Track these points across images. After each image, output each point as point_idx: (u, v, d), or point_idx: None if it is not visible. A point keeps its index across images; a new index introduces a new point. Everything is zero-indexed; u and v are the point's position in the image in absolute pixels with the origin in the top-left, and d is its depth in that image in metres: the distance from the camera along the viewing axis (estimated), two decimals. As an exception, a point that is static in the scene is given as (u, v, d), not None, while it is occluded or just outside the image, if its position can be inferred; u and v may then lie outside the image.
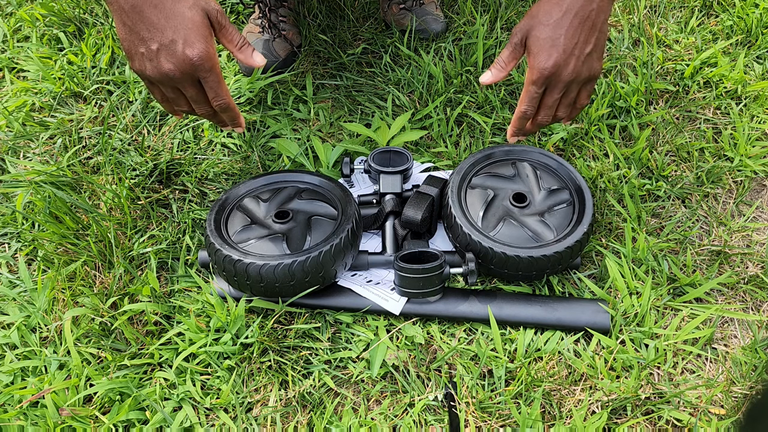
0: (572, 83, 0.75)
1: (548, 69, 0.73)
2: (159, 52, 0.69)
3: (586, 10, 0.71)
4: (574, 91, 0.77)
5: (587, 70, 0.75)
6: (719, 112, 1.14)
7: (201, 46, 0.68)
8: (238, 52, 0.74)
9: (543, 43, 0.72)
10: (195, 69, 0.70)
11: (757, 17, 1.27)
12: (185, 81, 0.72)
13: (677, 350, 0.82)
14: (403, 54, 1.23)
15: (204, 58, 0.69)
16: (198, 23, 0.68)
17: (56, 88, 1.16)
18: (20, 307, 0.85)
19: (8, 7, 1.37)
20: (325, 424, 0.75)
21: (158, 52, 0.69)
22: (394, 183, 0.95)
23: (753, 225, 0.96)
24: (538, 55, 0.73)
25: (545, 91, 0.77)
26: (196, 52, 0.68)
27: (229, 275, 0.80)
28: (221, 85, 0.74)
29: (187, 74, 0.71)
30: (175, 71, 0.70)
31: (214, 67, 0.71)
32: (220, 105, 0.75)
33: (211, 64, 0.70)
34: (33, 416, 0.74)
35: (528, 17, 0.74)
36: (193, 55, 0.68)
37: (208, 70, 0.71)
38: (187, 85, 0.73)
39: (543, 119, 0.80)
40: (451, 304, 0.83)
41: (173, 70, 0.70)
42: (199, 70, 0.70)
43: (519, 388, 0.77)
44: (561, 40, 0.72)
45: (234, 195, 0.91)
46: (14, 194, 1.00)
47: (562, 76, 0.74)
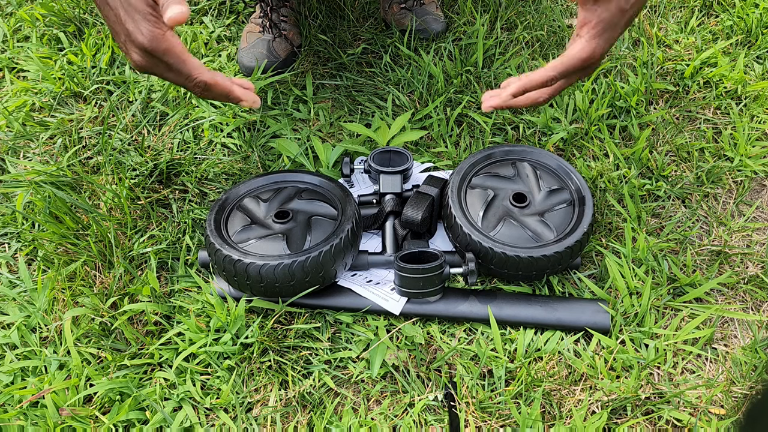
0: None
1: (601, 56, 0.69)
2: (126, 43, 0.66)
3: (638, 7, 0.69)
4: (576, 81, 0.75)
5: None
6: (719, 112, 1.14)
7: (146, 29, 0.64)
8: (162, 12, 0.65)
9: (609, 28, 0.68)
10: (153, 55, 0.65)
11: (757, 17, 1.27)
12: (156, 68, 0.67)
13: (677, 350, 0.82)
14: (403, 54, 1.23)
15: (152, 41, 0.64)
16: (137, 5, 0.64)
17: (56, 88, 1.16)
18: (20, 307, 0.85)
19: (8, 7, 1.37)
20: (325, 424, 0.75)
21: (126, 44, 0.66)
22: (394, 183, 0.95)
23: (753, 225, 0.96)
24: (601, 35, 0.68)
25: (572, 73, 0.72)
26: (144, 38, 0.64)
27: (229, 275, 0.80)
28: (184, 64, 0.67)
29: (152, 62, 0.66)
30: (141, 61, 0.66)
31: (169, 48, 0.65)
32: (196, 84, 0.69)
33: (163, 46, 0.65)
34: (33, 416, 0.74)
35: None
36: (142, 39, 0.64)
37: (163, 52, 0.65)
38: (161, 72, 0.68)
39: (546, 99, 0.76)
40: (451, 304, 0.83)
41: (139, 60, 0.66)
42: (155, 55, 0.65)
43: (519, 388, 0.77)
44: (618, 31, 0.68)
45: (234, 195, 0.91)
46: (14, 194, 1.00)
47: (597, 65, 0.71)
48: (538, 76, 0.72)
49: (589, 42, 0.69)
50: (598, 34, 0.68)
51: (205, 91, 0.71)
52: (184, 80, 0.69)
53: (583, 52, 0.69)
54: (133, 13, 0.65)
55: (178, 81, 0.70)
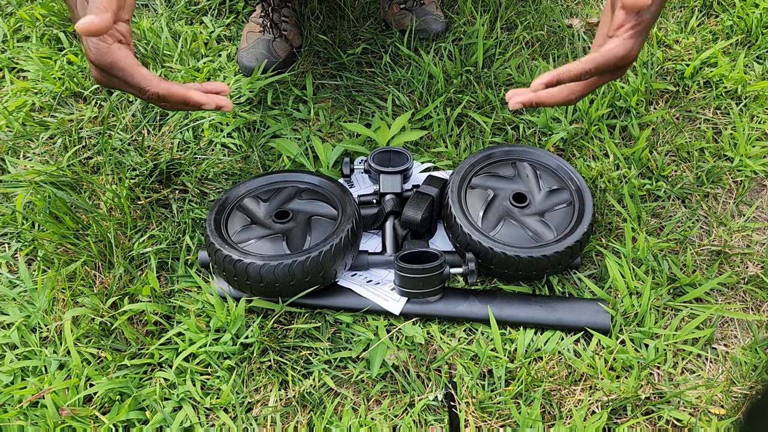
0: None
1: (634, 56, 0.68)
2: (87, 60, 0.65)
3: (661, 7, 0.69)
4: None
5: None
6: (719, 112, 1.14)
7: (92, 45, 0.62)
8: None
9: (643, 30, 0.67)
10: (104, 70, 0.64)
11: (757, 17, 1.27)
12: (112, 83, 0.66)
13: (677, 350, 0.82)
14: (403, 54, 1.23)
15: (98, 55, 0.63)
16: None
17: (56, 88, 1.16)
18: (20, 307, 0.85)
19: (8, 7, 1.37)
20: (325, 424, 0.75)
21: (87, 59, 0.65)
22: (394, 183, 0.95)
23: (753, 225, 0.96)
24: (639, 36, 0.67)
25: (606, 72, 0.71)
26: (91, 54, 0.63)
27: (229, 275, 0.80)
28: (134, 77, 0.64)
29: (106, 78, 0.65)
30: (96, 76, 0.65)
31: (114, 62, 0.63)
32: (149, 97, 0.66)
33: (108, 60, 0.63)
34: (33, 416, 0.74)
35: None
36: (90, 56, 0.63)
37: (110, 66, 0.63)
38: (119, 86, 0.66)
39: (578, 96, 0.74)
40: (451, 304, 0.83)
41: (95, 75, 0.65)
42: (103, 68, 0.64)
43: (519, 388, 0.77)
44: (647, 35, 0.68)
45: (234, 195, 0.91)
46: (14, 194, 1.00)
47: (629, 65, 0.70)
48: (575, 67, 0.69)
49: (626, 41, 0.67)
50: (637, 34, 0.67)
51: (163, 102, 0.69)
52: (137, 92, 0.67)
53: (619, 49, 0.68)
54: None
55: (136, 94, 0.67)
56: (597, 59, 0.68)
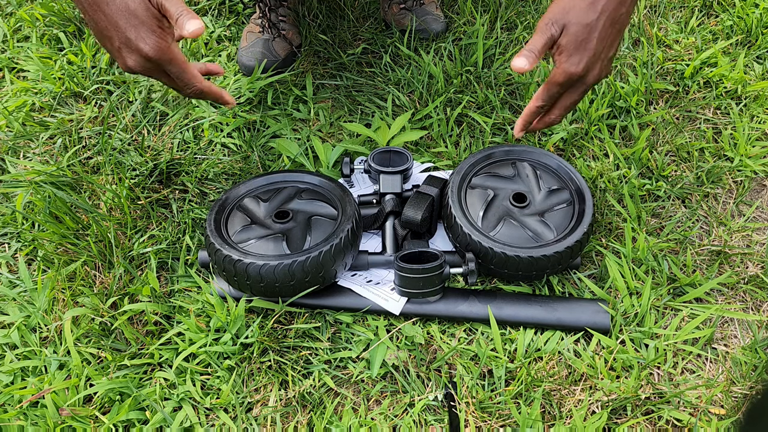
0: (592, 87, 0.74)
1: (578, 73, 0.71)
2: (121, 49, 0.69)
3: (617, 13, 0.70)
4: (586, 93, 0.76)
5: (605, 73, 0.74)
6: (719, 112, 1.14)
7: (151, 40, 0.68)
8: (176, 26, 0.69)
9: (578, 44, 0.70)
10: (155, 62, 0.70)
11: (757, 17, 1.27)
12: (152, 73, 0.72)
13: (677, 350, 0.82)
14: (403, 54, 1.23)
15: (157, 51, 0.68)
16: (142, 16, 0.67)
17: (56, 88, 1.16)
18: (20, 307, 0.85)
19: (8, 7, 1.37)
20: (325, 424, 0.75)
21: (120, 49, 0.69)
22: (394, 183, 0.95)
23: (753, 225, 0.96)
24: (570, 57, 0.71)
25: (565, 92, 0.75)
26: (149, 48, 0.68)
27: (229, 275, 0.80)
28: (185, 73, 0.73)
29: (150, 68, 0.71)
30: (137, 66, 0.70)
31: (173, 59, 0.70)
32: (192, 92, 0.75)
33: (168, 57, 0.70)
34: (33, 416, 0.74)
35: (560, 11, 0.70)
36: (148, 50, 0.68)
37: (167, 62, 0.70)
38: (157, 76, 0.73)
39: (556, 118, 0.79)
40: (451, 304, 0.83)
41: (136, 65, 0.70)
42: (158, 63, 0.70)
43: (519, 388, 0.77)
44: (593, 44, 0.70)
45: (234, 195, 0.91)
46: (14, 194, 1.00)
47: (588, 80, 0.72)
48: (529, 108, 0.78)
49: (563, 62, 0.72)
50: (567, 57, 0.71)
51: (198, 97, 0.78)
52: (182, 86, 0.74)
53: (559, 73, 0.72)
54: (137, 24, 0.67)
55: (172, 85, 0.75)
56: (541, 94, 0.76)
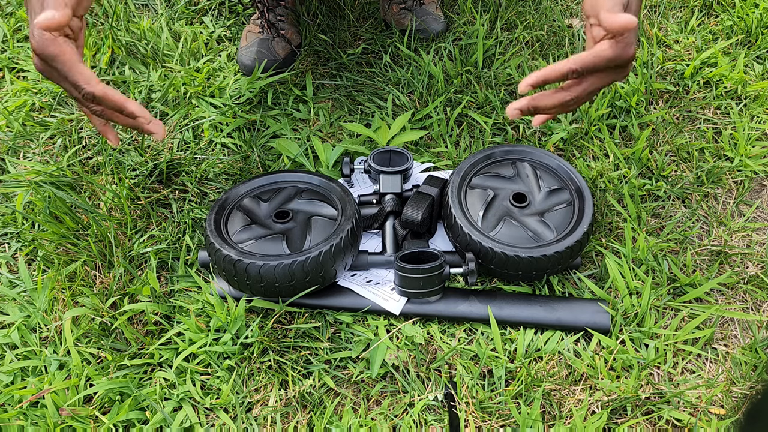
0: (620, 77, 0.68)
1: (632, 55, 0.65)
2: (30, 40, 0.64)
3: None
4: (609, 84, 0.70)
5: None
6: (719, 112, 1.14)
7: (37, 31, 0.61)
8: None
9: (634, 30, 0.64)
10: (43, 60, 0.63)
11: (757, 17, 1.27)
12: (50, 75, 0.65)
13: (677, 350, 0.82)
14: (403, 54, 1.23)
15: (41, 44, 0.62)
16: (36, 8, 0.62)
17: (56, 88, 1.16)
18: (20, 307, 0.85)
19: (8, 7, 1.37)
20: (325, 424, 0.75)
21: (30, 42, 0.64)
22: (394, 183, 0.95)
23: (753, 225, 0.96)
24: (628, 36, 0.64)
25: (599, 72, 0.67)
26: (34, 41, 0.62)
27: (229, 275, 0.80)
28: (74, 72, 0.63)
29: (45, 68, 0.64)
30: (37, 65, 0.64)
31: (57, 54, 0.62)
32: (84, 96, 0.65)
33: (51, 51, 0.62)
34: (33, 416, 0.74)
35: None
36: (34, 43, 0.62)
37: (51, 58, 0.62)
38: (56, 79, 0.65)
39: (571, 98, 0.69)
40: (451, 304, 0.83)
41: (36, 64, 0.64)
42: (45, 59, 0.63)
43: (519, 388, 0.77)
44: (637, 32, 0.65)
45: (234, 195, 0.91)
46: (14, 194, 1.00)
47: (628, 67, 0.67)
48: (559, 65, 0.66)
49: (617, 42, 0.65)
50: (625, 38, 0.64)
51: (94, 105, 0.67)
52: (72, 89, 0.65)
53: (610, 51, 0.65)
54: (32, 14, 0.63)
55: (70, 92, 0.66)
56: (585, 59, 0.65)
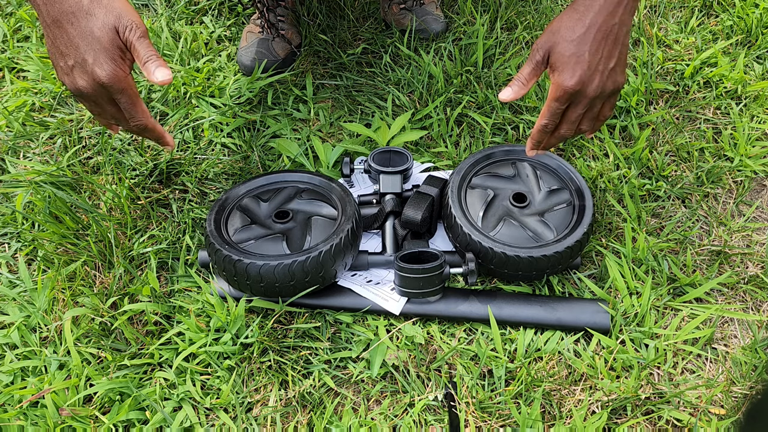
0: (596, 99, 0.74)
1: (573, 86, 0.71)
2: (74, 68, 0.69)
3: (608, 24, 0.70)
4: (597, 105, 0.76)
5: (612, 84, 0.74)
6: (719, 112, 1.14)
7: (109, 67, 0.68)
8: (143, 69, 0.71)
9: (567, 60, 0.71)
10: (106, 89, 0.70)
11: (757, 17, 1.27)
12: (100, 99, 0.72)
13: (677, 350, 0.82)
14: (403, 54, 1.23)
15: (112, 79, 0.69)
16: (106, 44, 0.68)
17: (56, 88, 1.16)
18: (20, 307, 0.85)
19: (8, 7, 1.37)
20: (325, 424, 0.75)
21: (73, 68, 0.69)
22: (394, 183, 0.95)
23: (753, 225, 0.96)
24: (562, 72, 0.72)
25: (568, 106, 0.75)
26: (104, 74, 0.68)
27: (229, 275, 0.80)
28: (135, 106, 0.73)
29: (99, 93, 0.70)
30: (87, 89, 0.70)
31: (125, 89, 0.70)
32: (137, 126, 0.75)
33: (121, 86, 0.70)
34: (33, 416, 0.74)
35: (549, 33, 0.72)
36: (102, 76, 0.68)
37: (118, 91, 0.70)
38: (104, 103, 0.73)
39: (566, 133, 0.79)
40: (451, 304, 0.83)
41: (86, 87, 0.70)
42: (109, 90, 0.70)
43: (519, 388, 0.77)
44: (585, 56, 0.70)
45: (234, 195, 0.91)
46: (14, 194, 1.00)
47: (587, 93, 0.73)
48: (536, 128, 0.79)
49: (555, 81, 0.73)
50: (560, 73, 0.72)
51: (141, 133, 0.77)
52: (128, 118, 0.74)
53: (552, 90, 0.74)
54: (97, 50, 0.68)
55: (118, 115, 0.75)
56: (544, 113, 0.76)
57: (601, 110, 0.77)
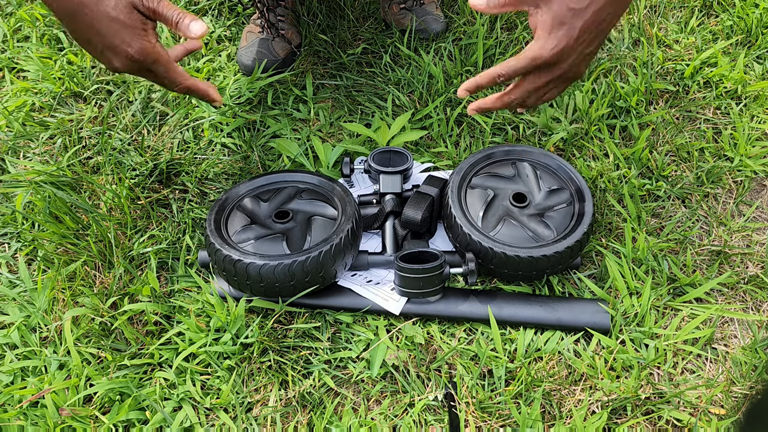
0: (558, 78, 0.73)
1: (552, 56, 0.69)
2: (104, 52, 0.71)
3: (603, 13, 0.68)
4: (552, 85, 0.74)
5: (576, 71, 0.73)
6: (719, 112, 1.14)
7: (137, 44, 0.70)
8: (176, 30, 0.72)
9: (557, 26, 0.68)
10: (140, 63, 0.72)
11: (757, 17, 1.27)
12: (139, 72, 0.74)
13: (677, 350, 0.82)
14: (403, 54, 1.23)
15: (142, 53, 0.70)
16: (127, 21, 0.69)
17: (56, 88, 1.16)
18: (20, 307, 0.85)
19: (8, 7, 1.37)
20: (325, 424, 0.75)
21: (103, 52, 0.71)
22: (394, 183, 0.95)
23: (753, 225, 0.96)
24: (548, 38, 0.69)
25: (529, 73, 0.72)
26: (134, 50, 0.70)
27: (229, 275, 0.80)
28: (171, 72, 0.75)
29: (137, 68, 0.73)
30: (122, 67, 0.72)
31: (157, 59, 0.72)
32: (179, 90, 0.77)
33: (153, 57, 0.72)
34: (33, 416, 0.74)
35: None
36: (132, 52, 0.70)
37: (152, 62, 0.72)
38: (144, 75, 0.75)
39: (512, 99, 0.76)
40: (451, 304, 0.83)
41: (121, 66, 0.72)
42: (144, 63, 0.72)
43: (519, 388, 0.77)
44: (575, 33, 0.68)
45: (234, 195, 0.91)
46: (14, 194, 1.00)
47: (556, 70, 0.71)
48: (488, 71, 0.74)
49: (536, 41, 0.70)
50: (544, 34, 0.69)
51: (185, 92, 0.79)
52: (169, 84, 0.76)
53: (529, 51, 0.70)
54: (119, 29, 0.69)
55: (160, 83, 0.77)
56: (509, 63, 0.72)
57: (551, 91, 0.76)
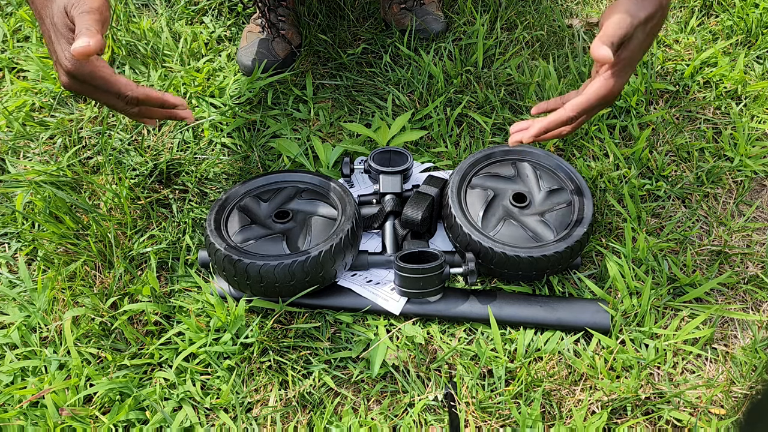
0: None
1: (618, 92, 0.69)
2: (56, 65, 0.66)
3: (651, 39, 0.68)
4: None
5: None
6: (719, 112, 1.14)
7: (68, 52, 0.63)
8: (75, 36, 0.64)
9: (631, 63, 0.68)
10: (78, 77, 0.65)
11: (757, 17, 1.27)
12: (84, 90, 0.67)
13: (677, 350, 0.82)
14: (403, 54, 1.23)
15: (75, 64, 0.64)
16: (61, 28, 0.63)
17: (56, 88, 1.16)
18: (20, 307, 0.85)
19: (8, 7, 1.37)
20: (325, 424, 0.75)
21: (56, 66, 0.66)
22: (394, 183, 0.95)
23: (753, 225, 0.96)
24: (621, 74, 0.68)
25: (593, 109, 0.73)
26: (68, 61, 0.64)
27: (229, 275, 0.80)
28: (114, 84, 0.66)
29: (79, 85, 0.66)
30: (67, 83, 0.66)
31: (93, 72, 0.65)
32: (129, 102, 0.68)
33: (88, 69, 0.64)
34: (33, 416, 0.74)
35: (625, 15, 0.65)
36: (67, 64, 0.64)
37: (87, 75, 0.65)
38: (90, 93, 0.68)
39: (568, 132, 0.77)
40: (451, 304, 0.83)
41: (66, 82, 0.66)
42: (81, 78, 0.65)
43: (519, 388, 0.77)
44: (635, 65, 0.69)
45: (234, 195, 0.91)
46: (14, 194, 1.00)
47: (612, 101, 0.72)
48: (558, 116, 0.72)
49: (607, 80, 0.69)
50: (617, 73, 0.68)
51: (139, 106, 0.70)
52: (115, 99, 0.68)
53: (602, 90, 0.69)
54: (59, 37, 0.64)
55: (108, 101, 0.69)
56: (578, 106, 0.70)
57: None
